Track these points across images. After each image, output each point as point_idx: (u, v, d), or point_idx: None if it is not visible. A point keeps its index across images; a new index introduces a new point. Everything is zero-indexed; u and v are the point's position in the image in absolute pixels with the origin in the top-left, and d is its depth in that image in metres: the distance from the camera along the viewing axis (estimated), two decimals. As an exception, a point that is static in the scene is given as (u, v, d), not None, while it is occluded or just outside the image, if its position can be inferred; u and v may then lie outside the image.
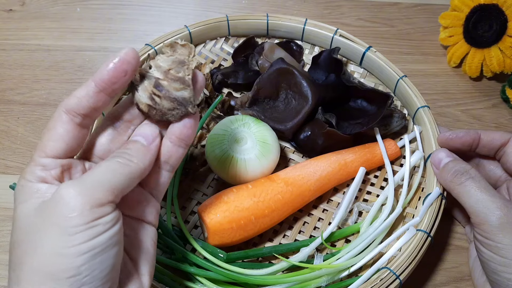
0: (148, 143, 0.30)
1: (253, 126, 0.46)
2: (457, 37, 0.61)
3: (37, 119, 0.55)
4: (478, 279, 0.43)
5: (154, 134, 0.31)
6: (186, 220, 0.46)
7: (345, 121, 0.48)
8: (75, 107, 0.28)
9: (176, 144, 0.32)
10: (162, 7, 0.68)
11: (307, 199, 0.46)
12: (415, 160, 0.47)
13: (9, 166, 0.51)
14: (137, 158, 0.29)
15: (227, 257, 0.40)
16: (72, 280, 0.25)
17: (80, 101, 0.28)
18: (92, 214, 0.26)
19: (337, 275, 0.41)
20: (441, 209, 0.43)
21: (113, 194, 0.27)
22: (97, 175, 0.27)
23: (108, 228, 0.26)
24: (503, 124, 0.57)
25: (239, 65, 0.56)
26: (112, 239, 0.27)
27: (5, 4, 0.66)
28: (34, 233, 0.26)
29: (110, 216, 0.27)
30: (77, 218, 0.25)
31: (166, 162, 0.32)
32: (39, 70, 0.59)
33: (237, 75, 0.55)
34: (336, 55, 0.52)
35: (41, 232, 0.26)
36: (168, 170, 0.32)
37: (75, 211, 0.25)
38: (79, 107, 0.28)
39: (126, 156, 0.29)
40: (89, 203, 0.26)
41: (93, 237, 0.26)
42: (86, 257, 0.25)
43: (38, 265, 0.25)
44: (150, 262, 0.31)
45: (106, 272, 0.26)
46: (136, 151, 0.30)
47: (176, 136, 0.31)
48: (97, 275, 0.26)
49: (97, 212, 0.26)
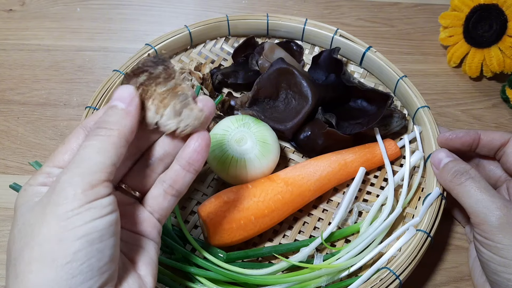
0: (126, 105, 0.29)
1: (253, 126, 0.46)
2: (457, 37, 0.61)
3: (37, 119, 0.55)
4: (478, 279, 0.43)
5: (131, 94, 0.30)
6: (186, 220, 0.46)
7: (345, 121, 0.48)
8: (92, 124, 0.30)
9: (185, 168, 0.31)
10: (162, 7, 0.68)
11: (307, 199, 0.46)
12: (415, 160, 0.47)
13: (9, 166, 0.51)
14: (117, 125, 0.29)
15: (227, 257, 0.40)
16: (69, 266, 0.25)
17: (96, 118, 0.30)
18: (85, 197, 0.26)
19: (337, 275, 0.41)
20: (441, 209, 0.43)
21: (104, 172, 0.27)
22: (84, 157, 0.27)
23: (105, 213, 0.26)
24: (503, 124, 0.57)
25: (239, 65, 0.56)
26: (110, 228, 0.26)
27: (5, 4, 0.66)
28: (33, 225, 0.26)
29: (106, 200, 0.27)
30: (71, 202, 0.25)
31: (172, 187, 0.32)
32: (39, 70, 0.59)
33: (237, 75, 0.55)
34: (336, 55, 0.52)
35: (40, 222, 0.26)
36: (174, 195, 0.32)
37: (68, 196, 0.26)
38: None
39: (105, 126, 0.28)
40: (81, 186, 0.26)
41: (89, 220, 0.26)
42: (83, 242, 0.25)
43: (37, 254, 0.25)
44: (152, 265, 0.31)
45: (104, 262, 0.26)
46: (115, 116, 0.29)
47: (186, 160, 0.31)
48: (94, 264, 0.26)
49: (91, 195, 0.26)
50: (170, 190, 0.32)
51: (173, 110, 0.30)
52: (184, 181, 0.32)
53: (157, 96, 0.31)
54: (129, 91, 0.30)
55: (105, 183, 0.27)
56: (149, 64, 0.31)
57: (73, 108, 0.56)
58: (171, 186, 0.32)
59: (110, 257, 0.26)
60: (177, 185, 0.32)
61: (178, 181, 0.32)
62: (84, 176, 0.26)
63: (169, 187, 0.32)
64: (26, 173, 0.50)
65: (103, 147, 0.27)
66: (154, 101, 0.31)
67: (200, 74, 0.52)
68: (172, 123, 0.30)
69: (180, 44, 0.56)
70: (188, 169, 0.31)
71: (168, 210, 0.33)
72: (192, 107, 0.31)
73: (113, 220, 0.27)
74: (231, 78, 0.54)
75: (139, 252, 0.31)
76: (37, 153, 0.52)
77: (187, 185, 0.32)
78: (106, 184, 0.27)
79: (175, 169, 0.32)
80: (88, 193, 0.26)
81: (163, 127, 0.31)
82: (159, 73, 0.31)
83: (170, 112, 0.30)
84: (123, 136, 0.28)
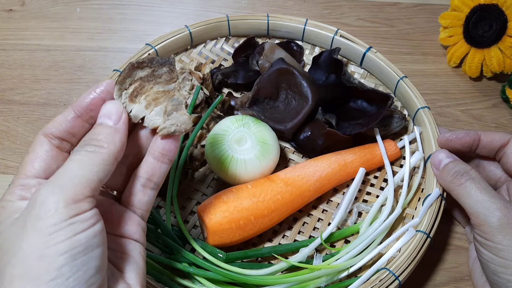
0: (114, 123, 0.29)
1: (253, 126, 0.46)
2: (457, 37, 0.61)
3: (37, 119, 0.55)
4: (478, 279, 0.43)
5: (119, 111, 0.30)
6: (185, 220, 0.46)
7: (345, 122, 0.48)
8: (53, 130, 0.30)
9: (160, 160, 0.31)
10: (162, 7, 0.68)
11: (307, 200, 0.46)
12: (415, 161, 0.47)
13: (9, 166, 0.51)
14: (107, 142, 0.28)
15: (226, 257, 0.40)
16: (54, 282, 0.24)
17: (58, 125, 0.30)
18: (68, 212, 0.25)
19: (336, 275, 0.41)
20: (441, 210, 0.43)
21: (88, 188, 0.26)
22: (68, 171, 0.27)
23: (88, 226, 0.26)
24: (503, 124, 0.57)
25: (239, 65, 0.56)
26: (94, 240, 0.26)
27: (5, 4, 0.66)
28: (14, 241, 0.25)
29: (88, 213, 0.26)
30: (53, 217, 0.25)
31: (150, 180, 0.31)
32: (39, 70, 0.59)
33: (237, 75, 0.55)
34: (336, 56, 0.52)
35: (21, 238, 0.25)
36: (152, 188, 0.32)
37: (49, 210, 0.25)
38: (57, 131, 0.30)
39: (94, 143, 0.28)
40: (63, 200, 0.25)
41: (72, 235, 0.25)
42: (66, 257, 0.24)
43: (19, 271, 0.24)
44: (140, 273, 0.30)
45: (90, 274, 0.25)
46: (104, 134, 0.29)
47: (159, 151, 0.31)
48: (81, 277, 0.25)
49: (74, 209, 0.25)
50: (148, 184, 0.31)
51: (164, 109, 0.31)
52: (161, 172, 0.31)
53: (152, 94, 0.31)
54: (117, 107, 0.30)
55: (89, 199, 0.26)
56: (155, 62, 0.32)
57: (73, 108, 0.56)
58: (148, 179, 0.31)
59: (96, 268, 0.26)
60: (155, 178, 0.31)
61: (155, 173, 0.31)
62: (67, 189, 0.26)
63: (147, 180, 0.31)
64: (26, 173, 0.50)
65: (90, 162, 0.27)
66: (147, 97, 0.31)
67: (200, 74, 0.52)
68: (159, 120, 0.31)
69: (181, 44, 0.56)
70: (163, 160, 0.31)
71: (149, 204, 0.32)
72: (183, 113, 0.31)
73: (97, 231, 0.26)
74: (231, 78, 0.54)
75: (127, 260, 0.30)
76: (37, 153, 0.52)
77: (163, 176, 0.32)
78: (90, 199, 0.26)
79: (149, 162, 0.31)
80: (71, 207, 0.25)
81: (148, 121, 0.31)
82: (162, 73, 0.31)
83: (161, 110, 0.31)
84: (112, 153, 0.28)
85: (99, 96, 0.30)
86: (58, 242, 0.24)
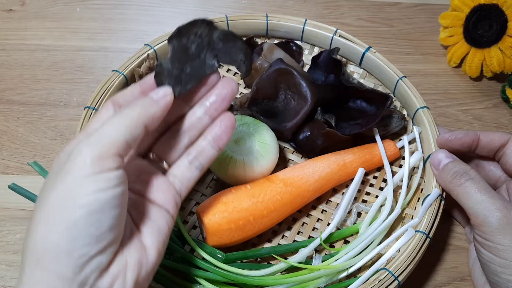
0: (157, 98, 0.31)
1: (252, 126, 0.46)
2: (457, 37, 0.61)
3: (37, 119, 0.55)
4: (478, 279, 0.43)
5: (167, 92, 0.32)
6: (185, 220, 0.46)
7: (344, 122, 0.48)
8: (120, 99, 0.33)
9: (211, 144, 0.35)
10: (162, 7, 0.68)
11: (306, 200, 0.46)
12: (414, 161, 0.47)
13: (9, 166, 0.51)
14: (141, 107, 0.30)
15: (225, 257, 0.40)
16: (69, 232, 0.26)
17: (125, 96, 0.33)
18: (93, 168, 0.27)
19: (335, 276, 0.41)
20: (440, 210, 0.43)
21: (115, 147, 0.28)
22: (100, 130, 0.28)
23: (110, 186, 0.27)
24: (503, 124, 0.57)
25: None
26: (112, 201, 0.27)
27: (5, 4, 0.66)
28: (50, 188, 0.27)
29: (113, 173, 0.27)
30: (78, 171, 0.27)
31: (197, 158, 0.35)
32: (39, 70, 0.59)
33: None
34: (335, 56, 0.52)
35: (52, 186, 0.27)
36: (197, 167, 0.35)
37: (77, 165, 0.27)
38: (122, 101, 0.33)
39: (131, 106, 0.30)
40: (90, 156, 0.27)
41: (92, 192, 0.26)
42: (83, 211, 0.26)
43: (44, 215, 0.27)
44: (160, 239, 0.31)
45: (101, 231, 0.27)
46: (143, 101, 0.31)
47: (212, 136, 0.35)
48: (93, 232, 0.26)
49: (99, 166, 0.27)
50: (194, 161, 0.34)
51: None
52: (208, 155, 0.35)
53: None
54: (165, 89, 0.32)
55: (114, 157, 0.28)
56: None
57: (73, 108, 0.56)
58: (195, 157, 0.35)
59: (108, 227, 0.27)
60: (201, 158, 0.35)
61: (203, 154, 0.35)
62: (94, 147, 0.27)
63: (194, 158, 0.34)
64: (26, 173, 0.50)
65: (119, 122, 0.29)
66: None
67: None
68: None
69: (180, 44, 0.56)
70: (213, 145, 0.35)
71: (190, 181, 0.35)
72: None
73: (117, 193, 0.28)
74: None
75: (150, 224, 0.31)
76: (37, 153, 0.52)
77: (210, 160, 0.35)
78: (116, 158, 0.28)
79: (201, 144, 0.35)
80: (96, 164, 0.27)
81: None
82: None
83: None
84: (142, 118, 0.30)
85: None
86: (79, 196, 0.26)
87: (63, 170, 0.27)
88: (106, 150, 0.27)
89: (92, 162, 0.27)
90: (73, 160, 0.27)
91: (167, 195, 0.33)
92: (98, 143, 0.28)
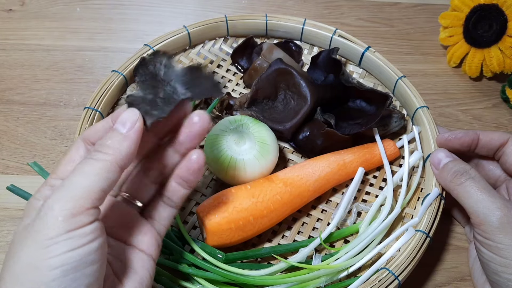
0: (127, 130, 0.29)
1: (252, 126, 0.46)
2: (457, 37, 0.61)
3: (37, 119, 0.55)
4: (478, 279, 0.42)
5: (133, 119, 0.29)
6: (184, 220, 0.46)
7: (344, 122, 0.48)
8: (91, 136, 0.31)
9: (180, 184, 0.33)
10: (162, 7, 0.68)
11: (306, 200, 0.46)
12: (414, 161, 0.47)
13: (9, 166, 0.51)
14: (113, 148, 0.28)
15: (225, 257, 0.40)
16: None
17: (95, 132, 0.31)
18: (65, 226, 0.25)
19: (336, 275, 0.41)
20: (440, 210, 0.43)
21: (89, 199, 0.26)
22: (70, 181, 0.26)
23: (85, 242, 0.25)
24: (503, 124, 0.57)
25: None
26: (89, 257, 0.25)
27: (5, 4, 0.66)
28: (16, 247, 0.26)
29: (88, 228, 0.26)
30: (50, 230, 0.25)
31: (170, 199, 0.34)
32: (39, 70, 0.59)
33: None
34: (335, 56, 0.52)
35: (21, 246, 0.25)
36: (172, 205, 0.34)
37: (48, 223, 0.25)
38: (95, 136, 0.31)
39: (101, 149, 0.28)
40: (62, 215, 0.25)
41: (66, 251, 0.25)
42: (57, 272, 0.24)
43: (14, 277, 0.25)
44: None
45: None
46: (112, 140, 0.28)
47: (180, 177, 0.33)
48: None
49: (72, 223, 0.25)
50: (168, 201, 0.34)
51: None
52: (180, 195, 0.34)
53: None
54: (132, 115, 0.29)
55: (89, 211, 0.26)
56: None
57: (73, 108, 0.56)
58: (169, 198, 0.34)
59: (86, 285, 0.25)
60: (175, 197, 0.34)
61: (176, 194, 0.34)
62: (66, 202, 0.25)
63: (167, 199, 0.34)
64: (26, 173, 0.50)
65: (93, 171, 0.26)
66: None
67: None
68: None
69: (179, 44, 0.56)
70: (184, 186, 0.33)
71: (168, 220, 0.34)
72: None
73: (93, 248, 0.26)
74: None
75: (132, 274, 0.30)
76: (37, 153, 0.52)
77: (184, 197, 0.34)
78: (91, 211, 0.26)
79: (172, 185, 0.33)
80: (69, 221, 0.25)
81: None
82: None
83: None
84: (116, 161, 0.27)
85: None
86: (51, 257, 0.24)
87: (33, 228, 0.25)
88: (80, 205, 0.25)
89: (65, 220, 0.25)
90: (44, 217, 0.25)
91: (149, 238, 0.32)
92: (71, 198, 0.25)
